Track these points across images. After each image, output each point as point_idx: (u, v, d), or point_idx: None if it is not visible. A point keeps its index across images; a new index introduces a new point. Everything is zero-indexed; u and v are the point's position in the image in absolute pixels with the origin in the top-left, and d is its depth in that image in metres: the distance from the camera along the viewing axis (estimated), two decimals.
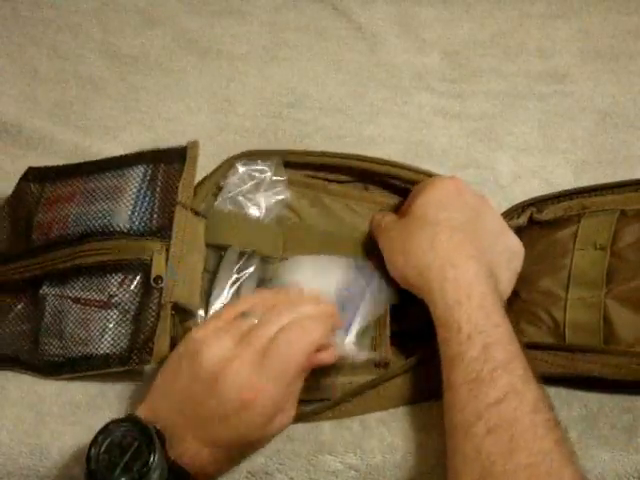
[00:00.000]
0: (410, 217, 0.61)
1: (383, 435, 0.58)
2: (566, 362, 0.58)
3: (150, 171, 0.67)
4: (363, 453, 0.57)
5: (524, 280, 0.64)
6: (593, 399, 0.59)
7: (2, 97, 0.81)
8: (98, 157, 0.74)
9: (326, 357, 0.55)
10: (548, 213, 0.67)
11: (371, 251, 0.65)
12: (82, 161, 0.71)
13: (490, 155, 0.75)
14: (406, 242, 0.59)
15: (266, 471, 0.57)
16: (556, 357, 0.58)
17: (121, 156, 0.69)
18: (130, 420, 0.51)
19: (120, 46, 0.85)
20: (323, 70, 0.83)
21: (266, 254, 0.65)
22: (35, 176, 0.70)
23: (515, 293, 0.63)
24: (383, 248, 0.62)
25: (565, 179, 0.70)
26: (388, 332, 0.62)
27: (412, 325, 0.63)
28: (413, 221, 0.61)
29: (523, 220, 0.67)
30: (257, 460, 0.57)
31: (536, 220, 0.67)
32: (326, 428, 0.58)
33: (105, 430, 0.50)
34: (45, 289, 0.63)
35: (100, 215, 0.64)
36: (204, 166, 0.71)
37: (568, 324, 0.61)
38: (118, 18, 0.88)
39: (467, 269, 0.56)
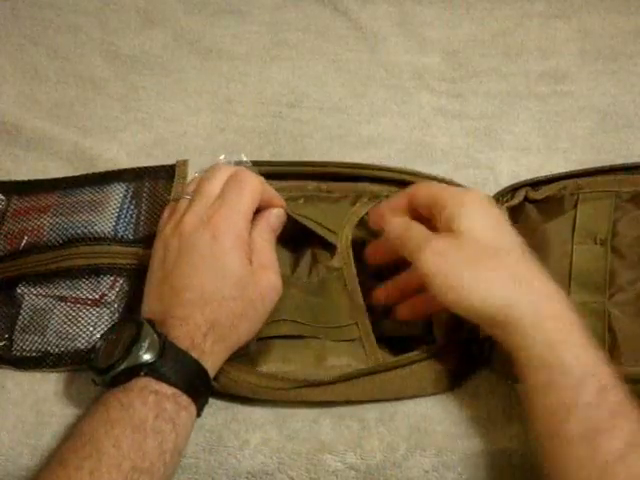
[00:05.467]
0: (466, 242, 0.53)
1: (383, 435, 0.58)
2: None
3: (132, 188, 0.67)
4: (363, 452, 0.57)
5: None
6: None
7: (2, 97, 0.81)
8: (98, 157, 0.75)
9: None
10: (544, 192, 0.67)
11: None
12: (79, 160, 0.72)
13: (490, 155, 0.75)
14: (478, 273, 0.52)
15: (266, 471, 0.57)
16: None
17: (100, 173, 0.70)
18: (120, 321, 0.58)
19: (120, 46, 0.85)
20: (323, 70, 0.83)
21: None
22: (1, 189, 0.70)
23: None
24: (437, 273, 0.53)
25: None
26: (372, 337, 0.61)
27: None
28: (475, 247, 0.53)
29: (518, 200, 0.66)
30: (257, 460, 0.57)
31: (531, 199, 0.67)
32: (326, 427, 0.58)
33: (102, 336, 0.54)
34: (22, 289, 0.64)
35: (82, 224, 0.64)
36: (202, 166, 0.72)
37: None
38: (118, 18, 0.88)
39: (559, 301, 0.51)
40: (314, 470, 0.57)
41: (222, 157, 0.64)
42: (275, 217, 0.61)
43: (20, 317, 0.63)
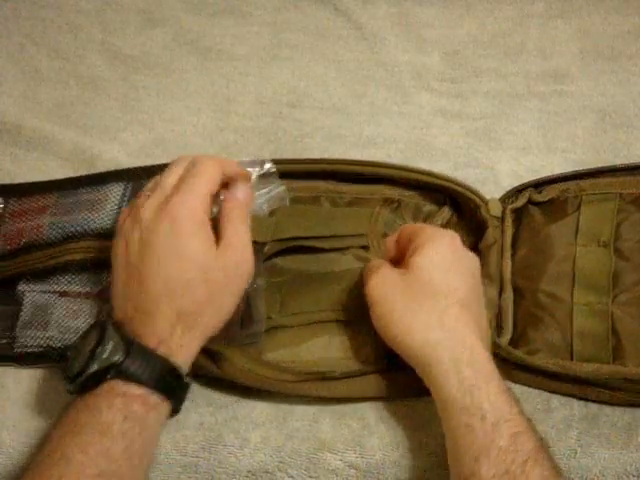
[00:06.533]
0: (412, 277, 0.56)
1: (383, 433, 0.58)
2: (575, 388, 0.58)
3: (131, 186, 0.67)
4: (363, 451, 0.57)
5: (528, 277, 0.64)
6: None
7: (2, 97, 0.81)
8: (98, 157, 0.75)
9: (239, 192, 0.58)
10: (547, 194, 0.67)
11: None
12: (79, 160, 0.72)
13: (490, 154, 0.75)
14: (409, 310, 0.55)
15: (266, 470, 0.57)
16: (565, 383, 0.58)
17: (98, 173, 0.70)
18: (88, 327, 0.55)
19: (120, 46, 0.85)
20: (323, 70, 0.84)
21: (257, 240, 0.63)
22: None
23: (520, 294, 0.63)
24: (377, 300, 0.57)
25: None
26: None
27: None
28: (417, 284, 0.56)
29: (522, 202, 0.67)
30: (257, 458, 0.57)
31: (535, 201, 0.67)
32: (326, 426, 0.58)
33: (72, 344, 0.54)
34: (23, 286, 0.64)
35: (81, 222, 0.64)
36: None
37: (576, 333, 0.60)
38: (119, 18, 0.88)
39: (480, 351, 0.53)
40: (314, 469, 0.57)
41: (245, 159, 0.64)
42: (241, 192, 0.59)
43: (22, 314, 0.63)
